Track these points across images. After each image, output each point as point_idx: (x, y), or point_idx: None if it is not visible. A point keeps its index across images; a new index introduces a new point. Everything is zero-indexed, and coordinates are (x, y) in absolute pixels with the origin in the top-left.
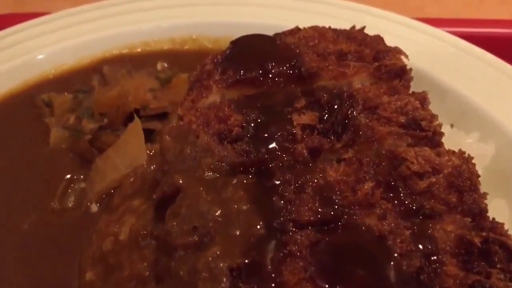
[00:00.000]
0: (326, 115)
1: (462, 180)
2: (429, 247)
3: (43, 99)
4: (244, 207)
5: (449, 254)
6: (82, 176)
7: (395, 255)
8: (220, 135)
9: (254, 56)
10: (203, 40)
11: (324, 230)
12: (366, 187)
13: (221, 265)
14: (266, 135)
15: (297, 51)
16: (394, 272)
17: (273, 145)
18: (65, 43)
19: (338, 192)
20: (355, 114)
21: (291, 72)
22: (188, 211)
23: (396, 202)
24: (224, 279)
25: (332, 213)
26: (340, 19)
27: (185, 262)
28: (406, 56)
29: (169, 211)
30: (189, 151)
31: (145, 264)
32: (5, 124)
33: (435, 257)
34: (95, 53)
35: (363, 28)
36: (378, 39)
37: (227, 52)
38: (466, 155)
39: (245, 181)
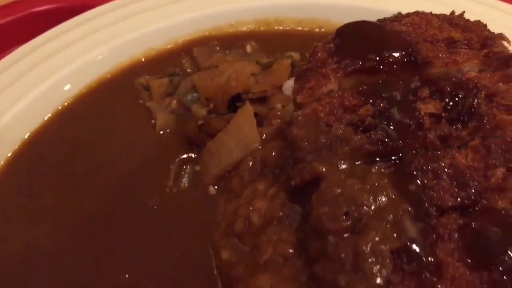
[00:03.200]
0: (450, 104)
1: None
2: None
3: (141, 83)
4: (391, 194)
5: None
6: (193, 157)
7: None
8: (353, 124)
9: (369, 44)
10: (287, 21)
11: (465, 215)
12: (498, 173)
13: (383, 248)
14: (397, 124)
15: (409, 38)
16: None
17: (405, 134)
18: (154, 25)
19: (471, 178)
20: (478, 102)
21: (407, 60)
22: (338, 197)
23: None
24: (388, 261)
25: (471, 197)
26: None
27: (345, 246)
28: (509, 42)
29: (315, 197)
30: (323, 140)
31: (287, 244)
32: (108, 108)
33: None
34: (182, 35)
35: (463, 13)
36: (481, 25)
37: (338, 39)
38: None
39: (383, 170)
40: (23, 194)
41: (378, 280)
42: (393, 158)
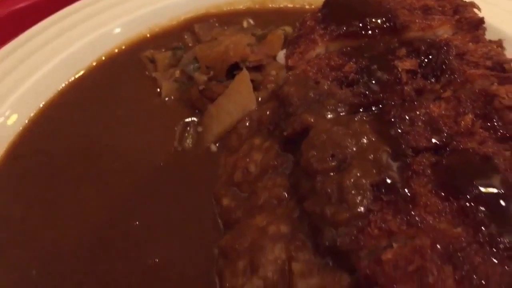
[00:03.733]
0: (425, 61)
1: None
2: None
3: (147, 56)
4: (372, 137)
5: None
6: (196, 120)
7: (501, 170)
8: (338, 80)
9: (353, 12)
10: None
11: (438, 154)
12: (467, 119)
13: (364, 182)
14: (377, 79)
15: (389, 6)
16: (504, 185)
17: (384, 87)
18: (158, 4)
19: (443, 124)
20: (450, 59)
21: (386, 25)
22: (324, 142)
23: (492, 130)
24: (368, 193)
25: (443, 140)
26: None
27: (331, 182)
28: (479, 9)
29: (305, 143)
30: (312, 95)
31: (281, 188)
32: (117, 79)
33: None
34: (183, 12)
35: None
36: None
37: (325, 10)
38: None
39: (365, 118)
40: (41, 154)
41: (360, 209)
42: (374, 108)
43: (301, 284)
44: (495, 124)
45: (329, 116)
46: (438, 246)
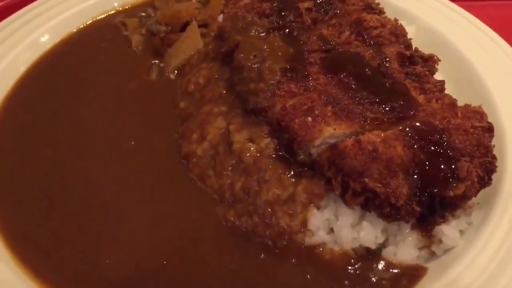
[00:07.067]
0: (318, 2)
1: (398, 30)
2: (382, 56)
3: (120, 21)
4: (281, 43)
5: (392, 59)
6: (158, 62)
7: (366, 59)
8: (258, 14)
9: None
10: None
11: (326, 53)
12: (345, 35)
13: (275, 66)
14: (285, 13)
15: None
16: (367, 66)
17: (290, 18)
18: None
19: (329, 38)
20: (335, 1)
21: None
22: (249, 48)
23: (362, 41)
24: (278, 73)
25: (329, 46)
26: None
27: (253, 70)
28: None
29: (236, 52)
30: (240, 24)
31: (222, 88)
32: (97, 38)
33: (386, 60)
34: None
35: None
36: None
37: None
38: (399, 23)
39: (277, 35)
40: (30, 110)
41: (272, 81)
42: (283, 32)
43: (236, 137)
44: (365, 37)
45: (252, 35)
46: (323, 97)
